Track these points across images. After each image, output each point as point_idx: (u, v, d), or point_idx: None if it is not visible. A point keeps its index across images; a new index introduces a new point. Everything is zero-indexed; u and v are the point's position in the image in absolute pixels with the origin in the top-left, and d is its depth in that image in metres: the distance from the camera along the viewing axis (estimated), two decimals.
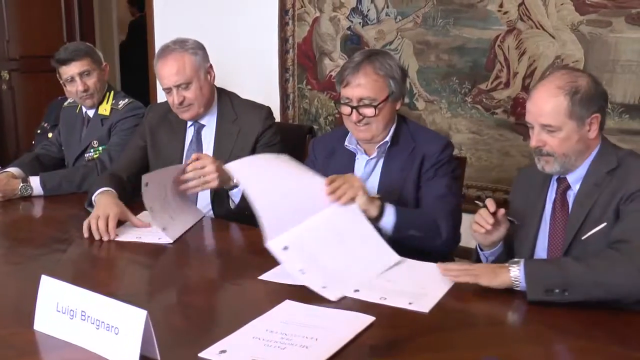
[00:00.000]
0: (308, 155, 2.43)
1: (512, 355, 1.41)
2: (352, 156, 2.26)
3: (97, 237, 2.11)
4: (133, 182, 2.56)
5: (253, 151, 2.54)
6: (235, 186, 2.29)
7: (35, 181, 2.67)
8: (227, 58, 2.65)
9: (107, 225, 2.13)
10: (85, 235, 2.13)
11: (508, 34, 3.24)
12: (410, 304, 1.63)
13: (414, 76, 3.53)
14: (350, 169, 2.24)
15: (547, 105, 1.80)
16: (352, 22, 3.71)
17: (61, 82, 2.97)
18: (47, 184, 2.68)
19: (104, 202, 2.26)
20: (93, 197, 2.34)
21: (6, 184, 2.63)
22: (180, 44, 2.50)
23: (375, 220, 1.95)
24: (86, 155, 2.95)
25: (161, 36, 4.38)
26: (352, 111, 2.09)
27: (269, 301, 1.64)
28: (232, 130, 2.55)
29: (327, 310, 1.59)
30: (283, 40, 3.96)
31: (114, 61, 6.53)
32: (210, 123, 2.59)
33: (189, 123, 2.61)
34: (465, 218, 2.19)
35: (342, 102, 2.14)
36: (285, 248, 1.78)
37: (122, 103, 2.96)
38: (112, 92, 3.01)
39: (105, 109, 2.97)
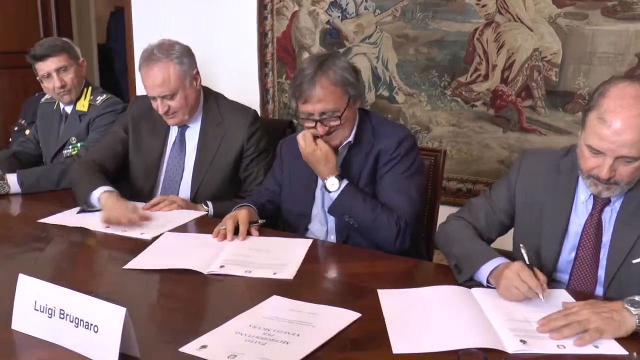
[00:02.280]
0: (275, 161, 2.42)
1: None
2: None
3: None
4: (112, 174, 2.54)
5: (238, 159, 2.54)
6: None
7: (12, 179, 2.64)
8: (206, 53, 2.62)
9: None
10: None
11: (486, 27, 3.26)
12: (274, 273, 1.78)
13: (394, 69, 3.53)
14: (313, 175, 2.21)
15: (631, 136, 1.58)
16: (331, 16, 3.70)
17: (38, 78, 2.93)
18: (24, 182, 2.64)
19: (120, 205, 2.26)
20: (97, 197, 2.32)
21: None
22: (165, 52, 2.42)
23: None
24: (64, 151, 2.91)
25: (139, 31, 4.35)
26: (316, 124, 2.07)
27: (255, 297, 1.63)
28: (217, 134, 2.53)
29: (314, 307, 1.58)
30: (262, 34, 3.94)
31: (92, 58, 6.46)
32: (195, 125, 2.57)
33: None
34: (446, 210, 2.18)
35: (303, 117, 2.09)
36: None
37: (100, 99, 2.93)
38: (90, 88, 2.98)
39: (83, 104, 2.94)
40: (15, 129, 3.65)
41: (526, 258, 1.65)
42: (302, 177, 2.25)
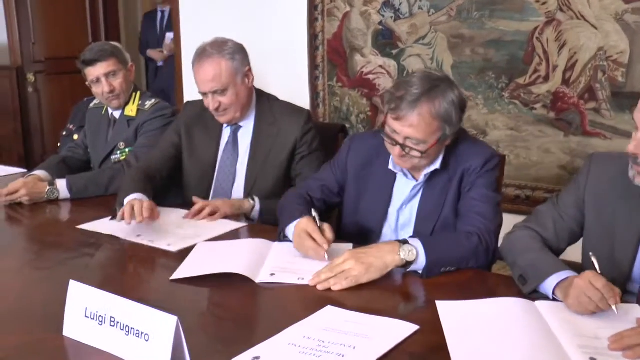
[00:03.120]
0: (339, 153, 2.35)
1: None
2: (391, 174, 2.17)
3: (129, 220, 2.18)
4: (165, 180, 2.60)
5: (291, 158, 2.55)
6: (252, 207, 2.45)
7: (61, 184, 2.69)
8: (255, 55, 2.63)
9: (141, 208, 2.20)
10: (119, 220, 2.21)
11: (547, 25, 3.19)
12: None
13: (449, 71, 3.50)
14: (388, 190, 2.18)
15: None
16: (383, 16, 3.69)
17: (87, 83, 2.98)
18: (73, 187, 2.69)
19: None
20: (125, 202, 2.35)
21: (33, 187, 2.64)
22: (217, 48, 2.46)
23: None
24: (113, 157, 2.96)
25: (188, 34, 4.40)
26: (396, 144, 2.01)
27: (309, 306, 1.62)
28: (271, 132, 2.55)
29: (370, 318, 1.56)
30: (312, 36, 3.95)
31: (139, 59, 6.56)
32: (247, 125, 2.59)
33: (226, 124, 2.61)
34: (504, 218, 2.13)
35: (387, 130, 2.02)
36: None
37: (148, 103, 2.97)
38: (139, 93, 3.02)
39: (131, 109, 2.98)
40: (64, 134, 3.74)
41: (597, 267, 1.60)
42: (374, 188, 2.20)
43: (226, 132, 2.63)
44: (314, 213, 1.99)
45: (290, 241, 2.02)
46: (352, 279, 1.76)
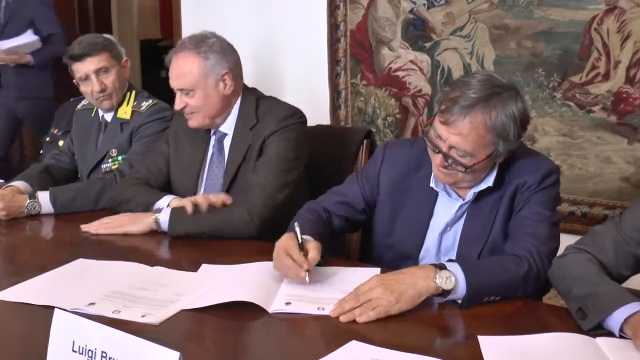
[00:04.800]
0: (370, 164, 2.32)
1: None
2: (433, 192, 2.15)
3: None
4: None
5: (258, 157, 2.56)
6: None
7: (44, 197, 2.70)
8: (268, 49, 2.65)
9: None
10: None
11: (607, 14, 3.18)
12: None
13: (491, 67, 3.49)
14: (428, 209, 2.17)
15: None
16: (415, 3, 3.70)
17: (74, 80, 3.01)
18: (58, 200, 2.71)
19: None
20: (167, 203, 2.48)
21: (11, 200, 2.66)
22: (195, 43, 2.51)
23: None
24: (103, 166, 2.98)
25: (190, 24, 4.42)
26: (438, 152, 2.00)
27: (330, 341, 1.62)
28: (247, 138, 2.57)
29: (402, 355, 1.56)
30: (333, 27, 3.96)
31: (134, 56, 6.62)
32: (231, 131, 2.63)
33: (212, 130, 2.65)
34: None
35: (432, 133, 2.02)
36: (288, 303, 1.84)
37: (145, 104, 2.99)
38: (134, 92, 3.04)
39: (125, 111, 3.00)
40: (47, 139, 3.77)
41: None
42: (412, 206, 2.19)
43: (213, 140, 2.67)
44: (296, 228, 1.99)
45: None
46: (380, 310, 1.75)
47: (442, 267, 1.83)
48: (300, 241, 1.96)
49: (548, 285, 1.97)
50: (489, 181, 2.07)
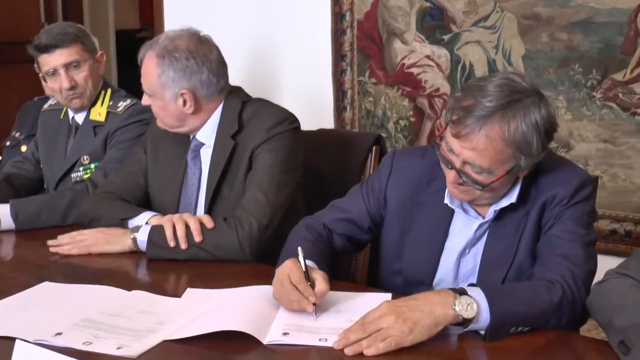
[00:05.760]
0: (375, 176, 2.34)
1: None
2: (448, 209, 2.16)
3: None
4: None
5: (247, 171, 2.57)
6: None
7: (4, 211, 2.71)
8: (262, 42, 2.66)
9: None
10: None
11: None
12: None
13: (519, 63, 3.49)
14: (444, 227, 2.18)
15: None
16: None
17: (40, 75, 3.01)
18: (20, 215, 2.71)
19: None
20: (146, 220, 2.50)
21: None
22: (162, 49, 2.54)
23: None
24: (73, 175, 2.99)
25: (175, 13, 4.42)
26: (451, 168, 2.01)
27: None
28: (227, 147, 2.59)
29: None
30: (337, 16, 3.97)
31: (109, 49, 6.62)
32: (209, 140, 2.64)
33: (191, 136, 2.67)
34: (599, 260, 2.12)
35: (443, 146, 2.03)
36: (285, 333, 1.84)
37: (122, 105, 3.00)
38: (109, 91, 3.05)
39: (99, 112, 3.01)
40: (7, 144, 3.77)
41: None
42: (425, 225, 2.20)
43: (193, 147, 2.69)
44: (300, 255, 1.97)
45: None
46: (391, 341, 1.74)
47: (462, 292, 1.83)
48: (304, 269, 1.95)
49: (585, 314, 1.97)
50: (512, 197, 2.07)
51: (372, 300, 1.94)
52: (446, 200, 2.13)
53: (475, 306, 1.80)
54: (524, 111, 1.93)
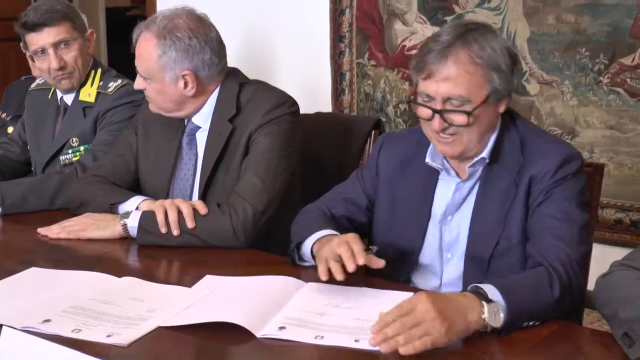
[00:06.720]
0: (369, 159, 2.38)
1: None
2: (433, 174, 2.21)
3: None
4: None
5: (243, 156, 2.57)
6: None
7: None
8: (258, 22, 2.65)
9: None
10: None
11: None
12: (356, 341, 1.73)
13: (524, 46, 3.50)
14: (429, 193, 2.20)
15: None
16: None
17: (27, 55, 3.01)
18: (6, 199, 2.71)
19: None
20: (137, 205, 2.50)
21: None
22: (162, 29, 2.52)
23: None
24: (62, 157, 2.99)
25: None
26: (433, 115, 2.04)
27: None
28: (224, 131, 2.59)
29: None
30: None
31: (99, 27, 6.60)
32: (205, 124, 2.64)
33: (185, 120, 2.67)
34: (601, 250, 2.13)
35: (419, 100, 2.07)
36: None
37: (112, 85, 2.99)
38: (99, 71, 3.05)
39: (89, 93, 3.00)
40: None
41: None
42: (411, 194, 2.23)
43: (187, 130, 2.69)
44: (374, 250, 2.04)
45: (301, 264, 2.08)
46: (427, 340, 1.64)
47: (485, 297, 1.79)
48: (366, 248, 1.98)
49: (582, 295, 2.02)
50: (485, 152, 2.10)
51: (382, 298, 1.94)
52: (427, 159, 2.16)
53: (502, 315, 1.78)
54: (482, 36, 2.03)
